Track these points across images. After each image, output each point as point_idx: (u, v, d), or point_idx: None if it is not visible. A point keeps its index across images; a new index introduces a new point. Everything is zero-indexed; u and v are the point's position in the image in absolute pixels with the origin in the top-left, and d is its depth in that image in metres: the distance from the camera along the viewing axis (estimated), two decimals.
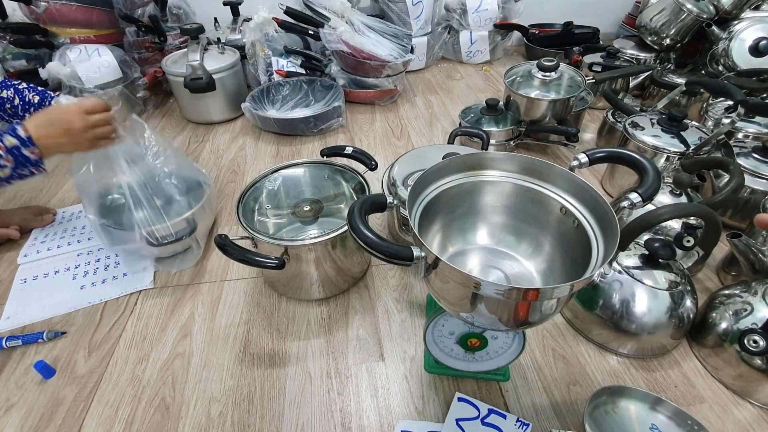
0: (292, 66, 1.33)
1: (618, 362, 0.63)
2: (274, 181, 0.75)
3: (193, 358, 0.65)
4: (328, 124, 1.20)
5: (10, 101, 0.77)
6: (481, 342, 0.54)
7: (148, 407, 0.59)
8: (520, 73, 1.04)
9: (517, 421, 0.55)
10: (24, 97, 0.77)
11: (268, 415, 0.58)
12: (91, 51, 1.18)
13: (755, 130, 0.89)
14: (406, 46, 1.32)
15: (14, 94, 0.77)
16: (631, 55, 1.37)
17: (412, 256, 0.40)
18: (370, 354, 0.65)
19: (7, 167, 0.60)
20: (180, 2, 1.38)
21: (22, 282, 0.78)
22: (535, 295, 0.39)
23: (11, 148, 0.60)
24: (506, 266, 0.52)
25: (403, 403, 0.59)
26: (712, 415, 0.57)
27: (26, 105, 0.78)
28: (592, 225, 0.44)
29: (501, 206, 0.53)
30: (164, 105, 1.41)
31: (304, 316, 0.71)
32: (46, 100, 0.78)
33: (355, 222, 0.42)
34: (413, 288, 0.75)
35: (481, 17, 1.54)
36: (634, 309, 0.61)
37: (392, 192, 0.70)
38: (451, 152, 0.65)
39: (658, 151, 0.85)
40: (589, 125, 1.22)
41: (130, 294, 0.75)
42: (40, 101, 0.78)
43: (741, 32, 1.12)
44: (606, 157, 0.52)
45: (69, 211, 0.95)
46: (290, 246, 0.63)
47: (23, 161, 0.61)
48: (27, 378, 0.63)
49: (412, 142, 1.17)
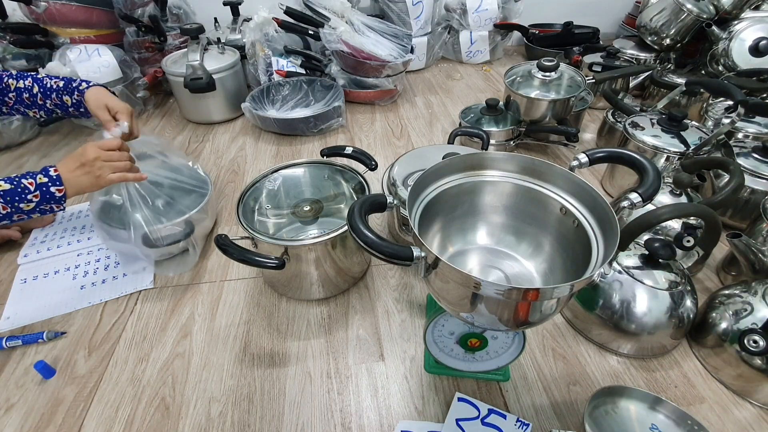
0: (292, 66, 1.33)
1: (618, 362, 0.63)
2: (274, 181, 0.75)
3: (193, 358, 0.65)
4: (328, 124, 1.20)
5: (28, 90, 0.77)
6: (481, 342, 0.54)
7: (148, 407, 0.59)
8: (520, 73, 1.04)
9: (517, 421, 0.55)
10: (44, 84, 0.77)
11: (268, 415, 0.58)
12: (91, 51, 1.18)
13: (755, 130, 0.89)
14: (406, 46, 1.32)
15: (33, 83, 0.77)
16: (631, 55, 1.37)
17: (412, 256, 0.40)
18: (370, 354, 0.65)
19: (33, 202, 0.63)
20: (180, 2, 1.38)
21: (22, 282, 0.78)
22: (535, 295, 0.39)
23: (41, 184, 0.63)
24: (506, 266, 0.52)
25: (403, 403, 0.59)
26: (712, 415, 0.57)
27: (47, 91, 0.77)
28: (592, 225, 0.44)
29: (501, 206, 0.53)
30: (164, 105, 1.41)
31: (304, 316, 0.71)
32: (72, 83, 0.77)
33: (355, 222, 0.42)
34: (413, 288, 0.75)
35: (481, 17, 1.54)
36: (634, 309, 0.61)
37: (392, 192, 0.71)
38: (451, 152, 0.65)
39: (658, 151, 0.85)
40: (589, 125, 1.22)
41: (130, 294, 0.75)
42: (65, 86, 0.77)
43: (741, 32, 1.12)
44: (606, 157, 0.52)
45: (69, 211, 0.95)
46: (290, 246, 0.63)
47: (49, 198, 0.64)
48: (27, 378, 0.63)
49: (412, 142, 1.17)
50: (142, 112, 1.35)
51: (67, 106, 0.78)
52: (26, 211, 0.63)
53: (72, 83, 0.77)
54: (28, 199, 0.62)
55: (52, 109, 0.79)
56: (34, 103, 0.78)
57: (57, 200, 0.65)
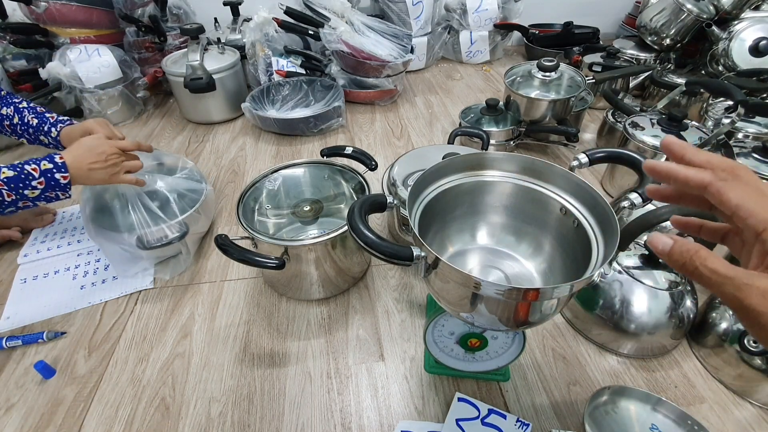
0: (292, 66, 1.33)
1: (618, 362, 0.63)
2: (274, 181, 0.75)
3: (193, 358, 0.65)
4: (328, 124, 1.20)
5: (9, 119, 0.77)
6: (481, 342, 0.54)
7: (148, 407, 0.59)
8: (520, 73, 1.04)
9: (517, 421, 0.55)
10: (23, 118, 0.77)
11: (268, 415, 0.58)
12: (91, 51, 1.18)
13: (755, 130, 0.89)
14: (406, 46, 1.32)
15: (14, 113, 0.78)
16: (631, 55, 1.37)
17: (412, 256, 0.40)
18: (370, 354, 0.65)
19: (38, 189, 0.63)
20: (180, 2, 1.38)
21: (22, 282, 0.78)
22: (535, 295, 0.39)
23: (45, 171, 0.63)
24: (506, 266, 0.52)
25: (403, 403, 0.59)
26: (712, 415, 0.57)
27: (24, 126, 0.78)
28: (592, 225, 0.44)
29: (501, 206, 0.53)
30: (164, 105, 1.41)
31: (304, 316, 0.71)
32: (44, 125, 0.77)
33: (355, 222, 0.42)
34: (413, 288, 0.75)
35: (481, 17, 1.54)
36: (634, 309, 0.61)
37: (392, 192, 0.70)
38: (451, 152, 0.65)
39: (658, 151, 0.85)
40: (589, 125, 1.22)
41: (130, 294, 0.75)
42: (38, 125, 0.77)
43: (741, 32, 1.12)
44: (606, 157, 0.53)
45: (69, 211, 0.95)
46: (290, 246, 0.63)
47: (54, 185, 0.64)
48: (27, 378, 0.63)
49: (412, 142, 1.17)
50: (142, 113, 1.35)
51: (45, 144, 0.79)
52: (31, 198, 0.63)
53: (44, 125, 0.78)
54: (33, 185, 0.62)
55: (32, 141, 0.80)
56: (14, 132, 0.79)
57: (62, 187, 0.65)
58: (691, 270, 0.27)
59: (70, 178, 0.65)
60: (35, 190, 0.63)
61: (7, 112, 0.77)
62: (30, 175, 0.62)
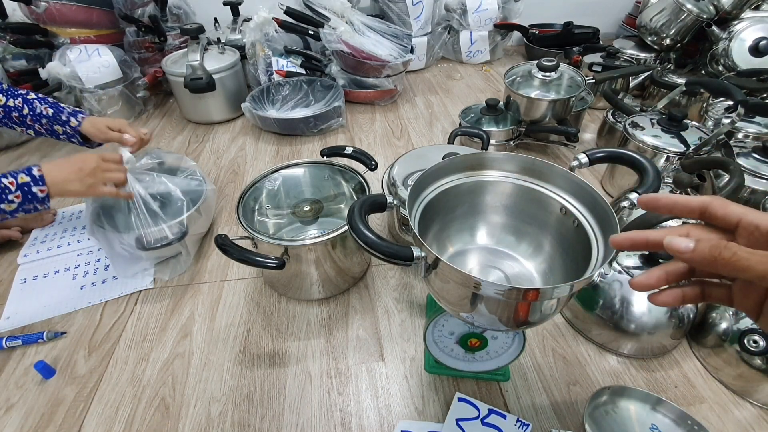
0: (292, 66, 1.33)
1: (618, 362, 0.63)
2: (274, 181, 0.75)
3: (193, 358, 0.65)
4: (328, 124, 1.20)
5: (18, 110, 0.77)
6: (481, 342, 0.54)
7: (148, 407, 0.59)
8: (520, 73, 1.04)
9: (517, 421, 0.55)
10: (34, 109, 0.77)
11: (268, 415, 0.58)
12: (91, 51, 1.18)
13: (755, 130, 0.89)
14: (406, 46, 1.32)
15: (23, 104, 0.77)
16: (631, 55, 1.37)
17: (412, 256, 0.40)
18: (370, 354, 0.65)
19: (14, 203, 0.62)
20: (180, 2, 1.38)
21: (22, 282, 0.78)
22: (535, 295, 0.39)
23: (22, 184, 0.62)
24: (506, 266, 0.52)
25: (403, 403, 0.59)
26: (712, 415, 0.57)
27: (36, 116, 0.77)
28: (592, 225, 0.44)
29: (501, 206, 0.53)
30: (164, 105, 1.41)
31: (304, 316, 0.71)
32: (62, 114, 0.78)
33: (355, 222, 0.42)
34: (413, 288, 0.75)
35: (481, 17, 1.54)
36: (634, 309, 0.61)
37: (392, 192, 0.70)
38: (451, 152, 0.65)
39: (658, 151, 0.85)
40: (589, 125, 1.22)
41: (130, 294, 0.75)
42: (54, 115, 0.77)
43: (741, 32, 1.12)
44: (606, 157, 0.52)
45: (69, 211, 0.95)
46: (290, 246, 0.63)
47: (31, 198, 0.63)
48: (27, 378, 0.63)
49: (412, 142, 1.17)
50: (142, 113, 1.35)
51: (58, 134, 0.79)
52: (9, 212, 0.63)
53: (60, 114, 0.77)
54: (9, 199, 0.61)
55: (42, 132, 0.80)
56: (23, 123, 0.78)
57: (39, 200, 0.64)
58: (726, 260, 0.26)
59: (47, 191, 0.64)
60: (12, 203, 0.62)
61: (15, 104, 0.76)
62: (6, 189, 0.61)
